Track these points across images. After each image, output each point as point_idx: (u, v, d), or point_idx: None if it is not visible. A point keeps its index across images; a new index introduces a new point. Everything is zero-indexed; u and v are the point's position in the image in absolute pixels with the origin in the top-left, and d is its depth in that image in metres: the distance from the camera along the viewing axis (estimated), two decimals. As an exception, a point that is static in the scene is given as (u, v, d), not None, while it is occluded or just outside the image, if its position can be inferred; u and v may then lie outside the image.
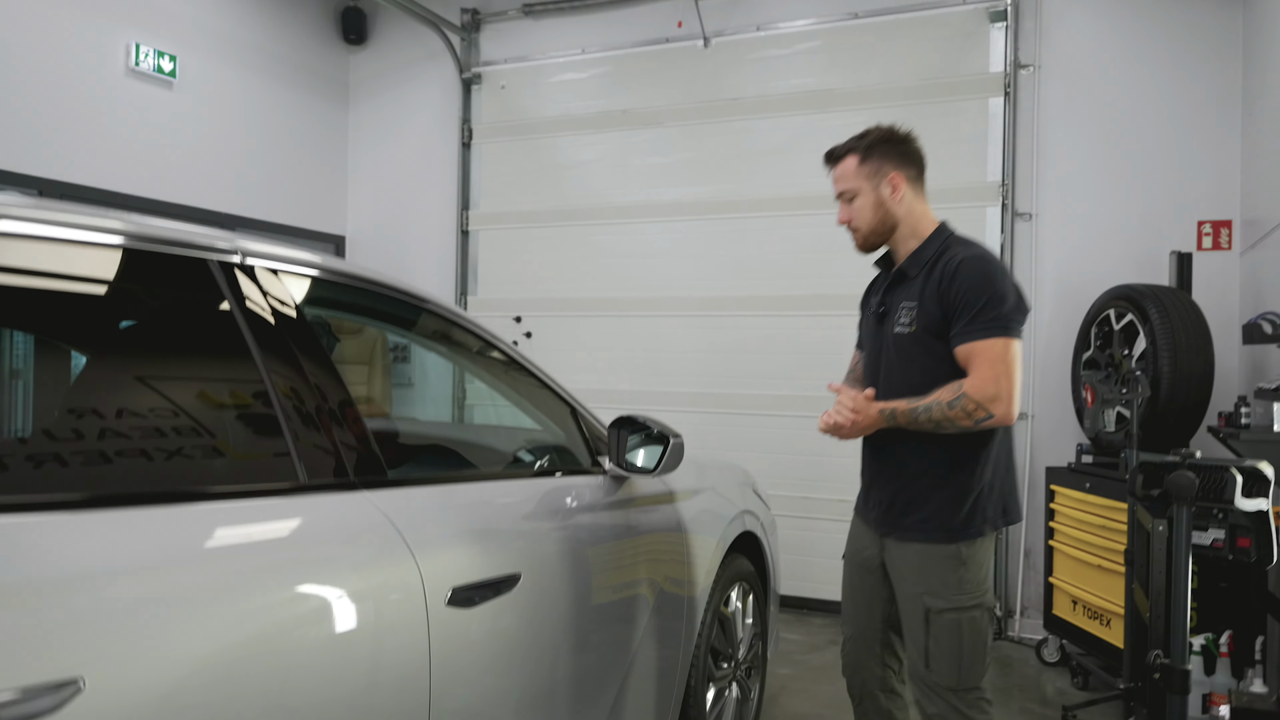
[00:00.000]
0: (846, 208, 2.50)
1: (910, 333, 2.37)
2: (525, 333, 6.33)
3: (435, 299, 2.29)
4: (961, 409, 2.23)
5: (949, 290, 2.29)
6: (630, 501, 2.61)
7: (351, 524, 1.68)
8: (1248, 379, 4.46)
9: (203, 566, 1.39)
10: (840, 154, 2.52)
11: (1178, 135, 4.97)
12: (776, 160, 5.73)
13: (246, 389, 1.64)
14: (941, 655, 2.31)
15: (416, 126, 6.74)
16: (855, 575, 2.65)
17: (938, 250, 2.40)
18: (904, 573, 2.41)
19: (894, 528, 2.43)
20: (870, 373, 2.55)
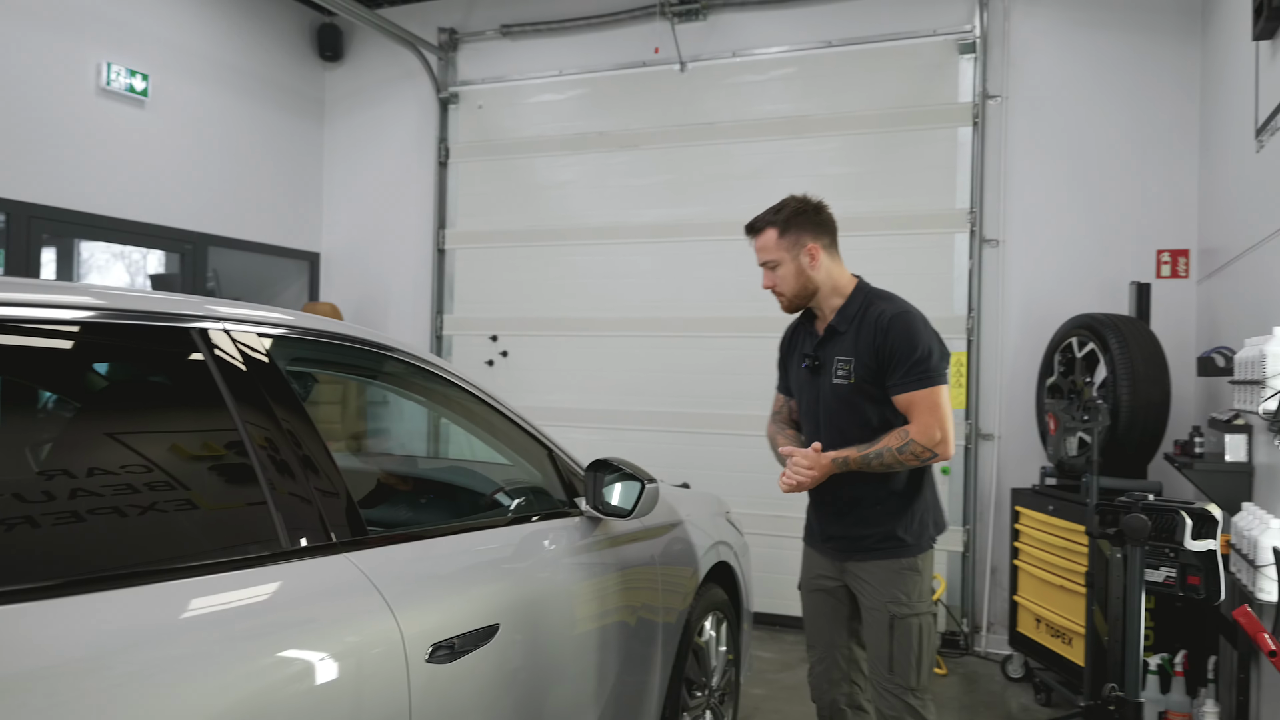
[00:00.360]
0: (770, 275, 2.75)
1: (850, 384, 2.64)
2: (501, 352, 6.38)
3: (411, 349, 2.34)
4: (911, 453, 2.54)
5: (884, 345, 2.58)
6: (606, 541, 2.68)
7: (332, 587, 1.73)
8: (1202, 407, 4.60)
9: (181, 639, 1.44)
10: (760, 227, 2.75)
11: (1138, 166, 5.11)
12: (752, 184, 5.81)
13: (230, 461, 1.69)
14: (903, 657, 2.58)
15: (393, 145, 6.78)
16: (817, 600, 2.87)
17: (861, 305, 2.68)
18: (869, 586, 2.67)
19: (856, 550, 2.70)
20: (810, 420, 2.79)
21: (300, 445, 1.81)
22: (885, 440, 2.55)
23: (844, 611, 2.79)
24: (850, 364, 2.62)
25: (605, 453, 2.66)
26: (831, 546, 2.77)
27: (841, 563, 2.75)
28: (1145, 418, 4.16)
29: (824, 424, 2.70)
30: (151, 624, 1.42)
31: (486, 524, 2.39)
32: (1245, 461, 3.53)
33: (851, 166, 5.63)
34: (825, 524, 2.79)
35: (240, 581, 1.58)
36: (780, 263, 2.70)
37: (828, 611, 2.82)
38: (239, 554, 1.63)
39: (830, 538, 2.77)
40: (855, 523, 2.69)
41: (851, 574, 2.73)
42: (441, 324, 6.57)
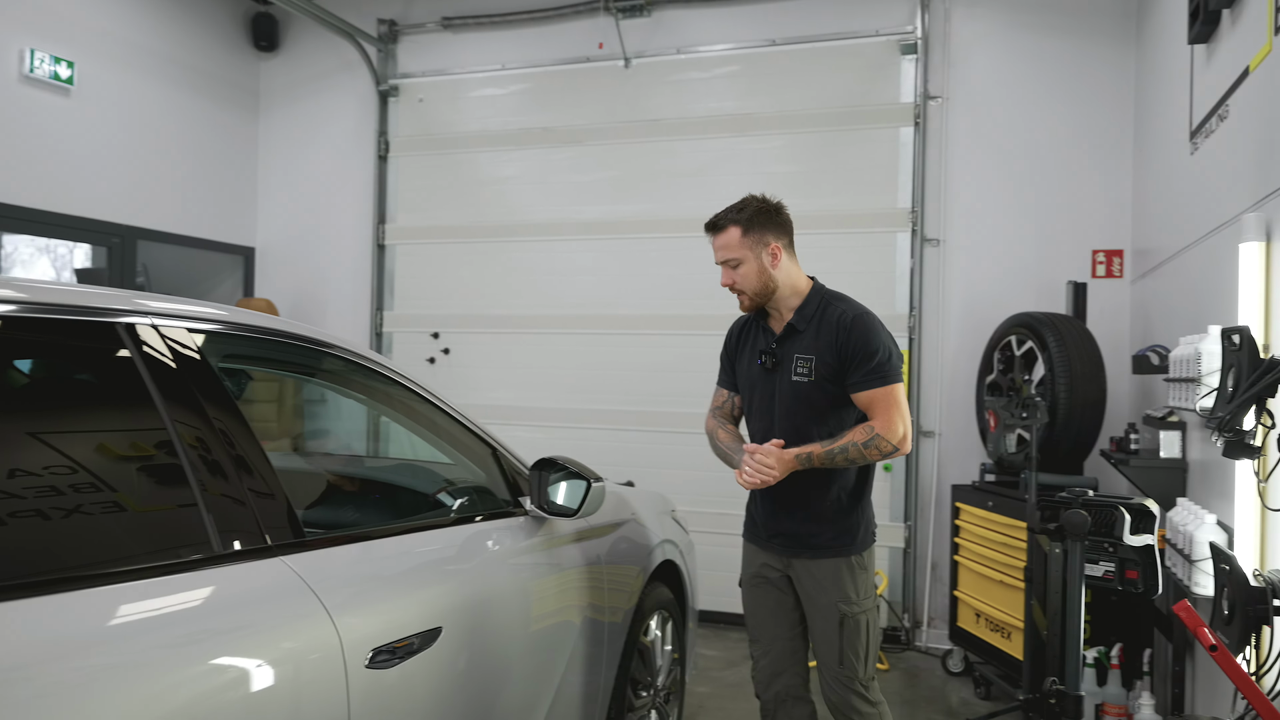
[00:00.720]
0: (730, 273, 2.75)
1: (810, 381, 2.68)
2: (443, 349, 6.28)
3: (350, 345, 2.26)
4: (876, 448, 2.59)
5: (846, 344, 2.63)
6: (552, 540, 2.63)
7: (267, 592, 1.66)
8: (1136, 405, 4.71)
9: (107, 648, 1.37)
10: (723, 225, 2.75)
11: (1075, 167, 5.22)
12: (697, 181, 5.80)
13: (160, 462, 1.61)
14: (852, 651, 2.66)
15: (331, 137, 6.62)
16: (760, 594, 2.88)
17: (819, 306, 2.73)
18: (817, 585, 2.71)
19: (804, 548, 2.73)
20: (762, 416, 2.80)
21: (233, 445, 1.72)
22: (850, 435, 2.59)
23: (787, 604, 2.83)
24: (811, 361, 2.67)
25: (549, 451, 2.62)
26: (779, 543, 2.79)
27: (788, 558, 2.78)
28: (1082, 415, 4.24)
29: (779, 419, 2.73)
30: (75, 633, 1.34)
31: (429, 525, 2.32)
32: (1179, 458, 3.62)
33: (795, 165, 5.65)
34: (772, 520, 2.80)
35: (170, 587, 1.50)
36: (743, 261, 2.71)
37: (771, 605, 2.85)
38: (168, 558, 1.54)
39: (777, 534, 2.79)
40: (805, 520, 2.72)
41: (798, 571, 2.76)
42: (381, 321, 6.44)
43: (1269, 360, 2.26)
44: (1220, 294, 3.14)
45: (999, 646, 4.47)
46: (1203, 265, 3.46)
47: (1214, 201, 3.35)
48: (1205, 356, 2.92)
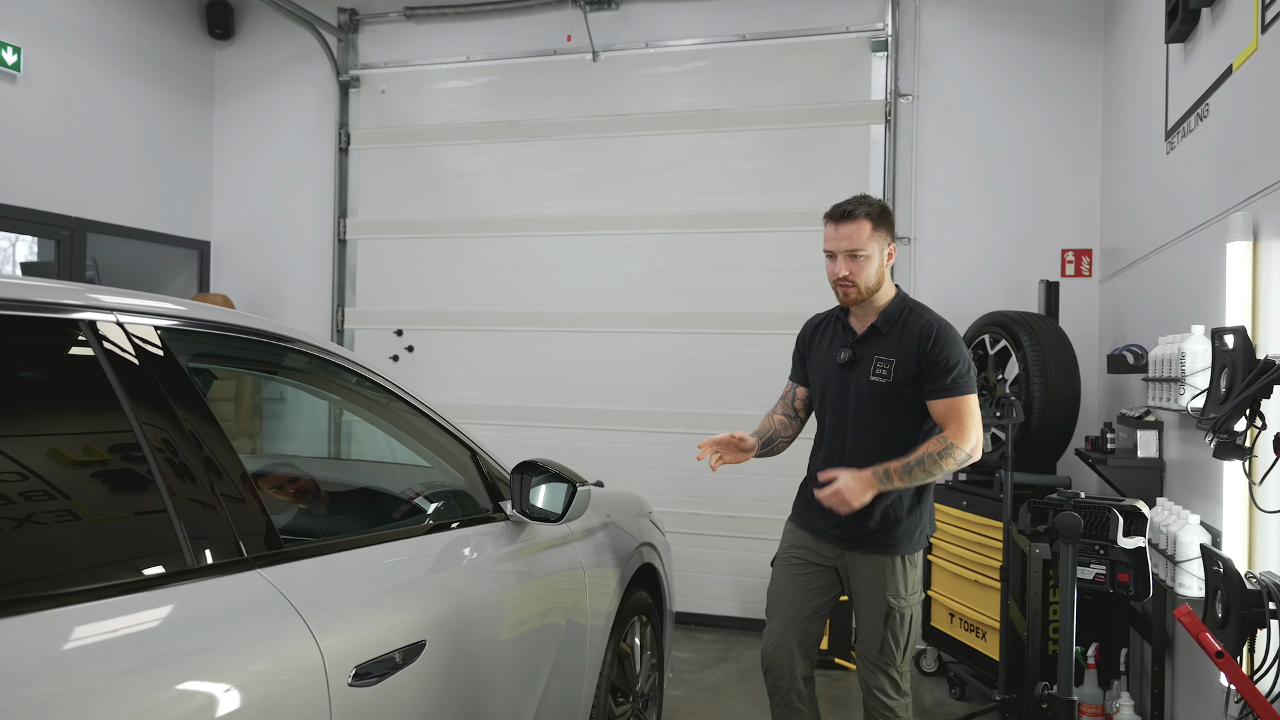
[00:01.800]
0: (850, 264, 2.75)
1: (888, 383, 2.76)
2: (406, 346, 6.13)
3: (328, 345, 2.15)
4: (951, 457, 2.65)
5: (929, 352, 2.71)
6: (533, 546, 2.54)
7: (244, 607, 1.55)
8: (1107, 403, 4.73)
9: (64, 675, 1.25)
10: (856, 215, 2.76)
11: (1043, 166, 5.23)
12: (666, 177, 5.73)
13: (127, 471, 1.49)
14: (894, 642, 2.77)
15: (289, 129, 6.43)
16: (794, 572, 2.94)
17: (902, 311, 2.81)
18: (870, 579, 2.80)
19: (863, 544, 2.80)
20: (835, 411, 2.87)
21: (206, 450, 1.61)
22: (924, 448, 2.67)
23: (820, 588, 2.90)
24: (891, 364, 2.75)
25: (516, 450, 2.58)
26: (837, 534, 2.84)
27: (844, 550, 2.84)
28: (1057, 414, 4.24)
29: (852, 415, 2.81)
30: (33, 658, 1.22)
31: (409, 532, 2.21)
32: (1156, 457, 3.63)
33: (765, 162, 5.60)
34: (831, 514, 2.77)
35: (139, 604, 1.38)
36: (869, 255, 2.75)
37: (803, 586, 2.91)
38: (137, 573, 1.43)
39: (839, 525, 2.81)
40: (870, 519, 2.76)
41: (851, 563, 2.84)
42: (342, 317, 6.27)
43: (1264, 362, 2.24)
44: (1201, 293, 3.14)
45: (974, 646, 4.46)
46: (1180, 265, 3.46)
47: (1192, 201, 3.35)
48: (1189, 356, 2.90)
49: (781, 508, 5.36)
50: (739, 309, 5.58)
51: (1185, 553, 2.88)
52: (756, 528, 5.47)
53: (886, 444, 2.74)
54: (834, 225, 2.80)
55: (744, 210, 5.59)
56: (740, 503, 5.54)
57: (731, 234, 5.61)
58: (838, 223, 2.79)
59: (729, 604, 5.56)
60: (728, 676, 4.80)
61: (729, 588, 5.56)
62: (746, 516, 5.52)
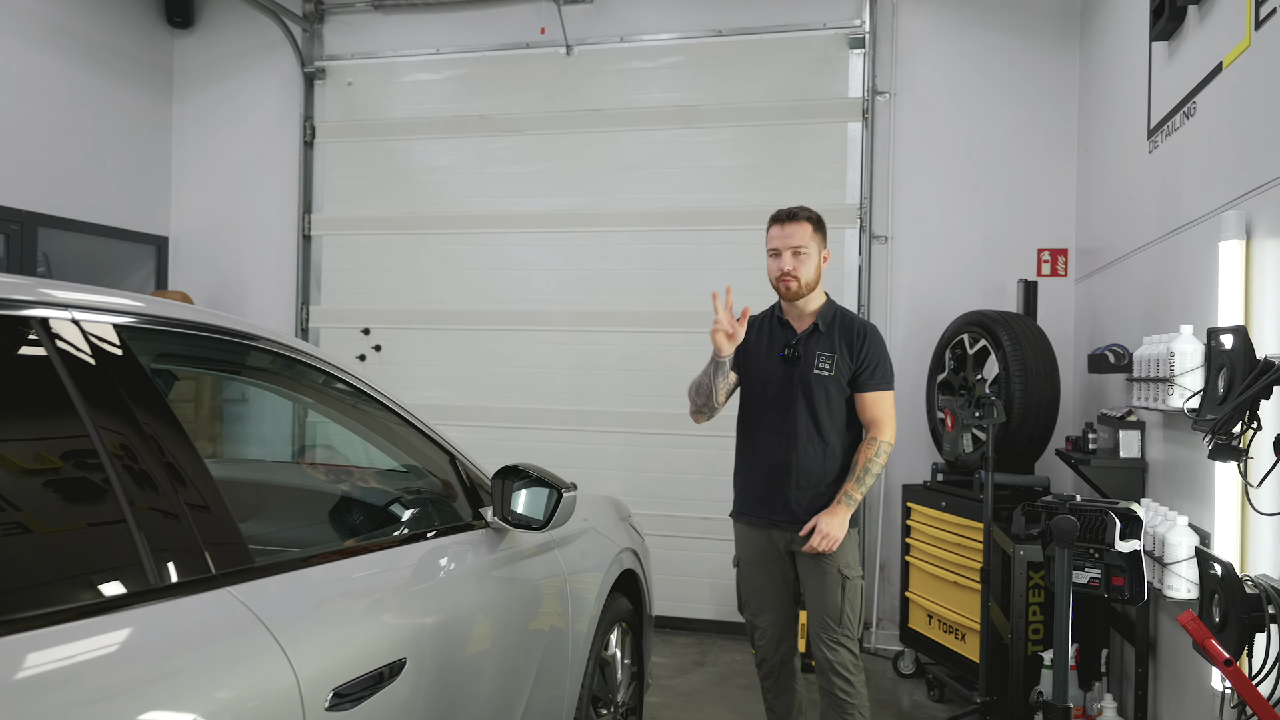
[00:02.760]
0: (792, 260, 3.10)
1: (830, 376, 3.11)
2: (374, 346, 5.98)
3: (300, 344, 2.03)
4: (884, 453, 3.09)
5: (862, 349, 3.10)
6: (514, 555, 2.44)
7: (213, 628, 1.43)
8: (1083, 403, 4.72)
9: (28, 703, 1.13)
10: (800, 216, 3.15)
11: (1019, 165, 5.22)
12: (640, 174, 5.64)
13: (81, 478, 1.37)
14: (851, 612, 3.05)
15: (252, 121, 6.25)
16: (763, 569, 3.21)
17: (834, 312, 3.19)
18: (822, 555, 3.04)
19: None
20: (776, 405, 3.14)
21: (169, 457, 1.49)
22: (862, 458, 3.06)
23: (788, 578, 3.18)
24: (833, 359, 3.09)
25: (488, 452, 2.55)
26: (784, 519, 3.10)
27: (790, 534, 3.09)
28: (1037, 414, 4.21)
29: (799, 406, 3.09)
30: None
31: (388, 542, 2.10)
32: (1139, 457, 3.60)
33: (741, 159, 5.54)
34: (772, 498, 3.12)
35: (97, 628, 1.27)
36: (809, 253, 3.10)
37: (775, 578, 3.19)
38: (95, 593, 1.31)
39: (779, 510, 3.10)
40: (813, 497, 3.06)
41: (801, 545, 3.05)
42: (307, 316, 6.11)
43: (1264, 362, 2.20)
44: (1189, 293, 3.11)
45: (952, 648, 4.42)
46: (1164, 264, 3.44)
47: (1176, 200, 3.32)
48: (1179, 356, 2.87)
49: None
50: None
51: (1174, 554, 2.85)
52: (729, 529, 5.36)
53: (827, 433, 3.09)
54: (779, 226, 3.16)
55: (720, 208, 5.51)
56: (714, 504, 5.43)
57: (707, 232, 5.54)
58: (783, 223, 3.15)
59: (704, 607, 5.49)
60: (705, 681, 4.72)
61: (704, 590, 5.48)
62: (720, 518, 5.39)
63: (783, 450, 3.10)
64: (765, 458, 3.15)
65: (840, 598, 3.03)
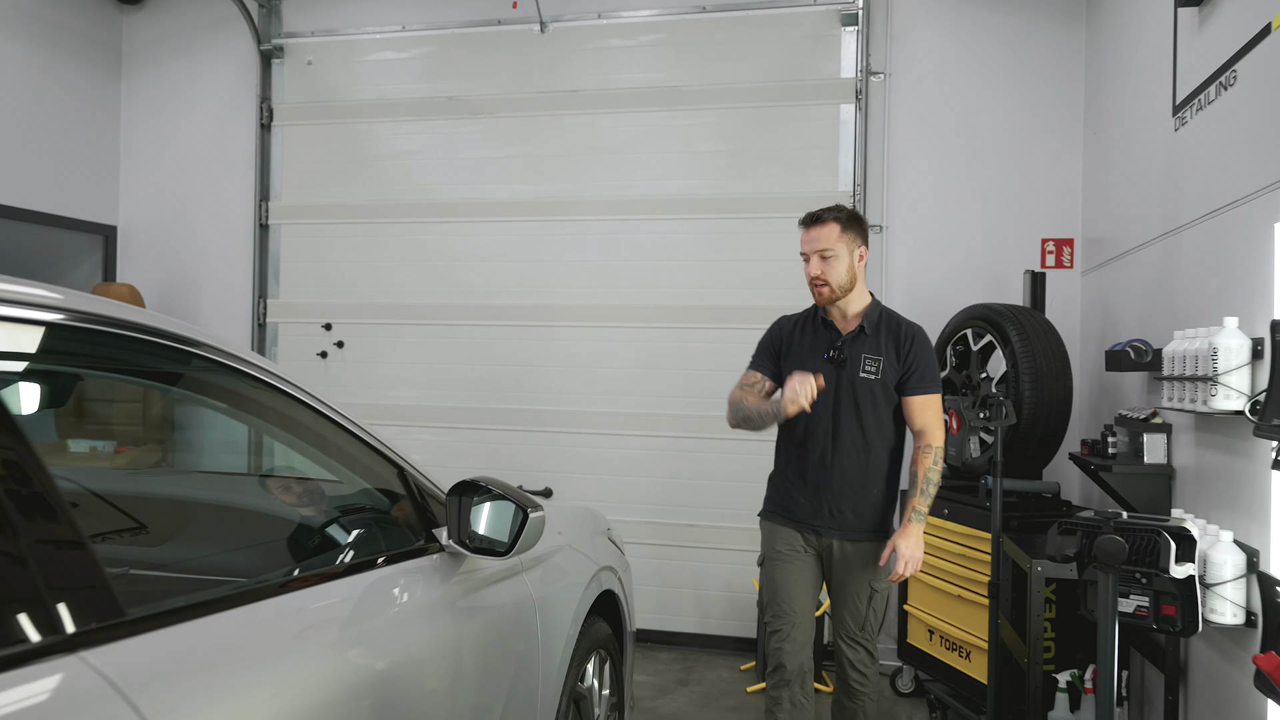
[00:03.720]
0: (821, 264, 3.00)
1: (877, 379, 3.03)
2: (336, 342, 5.61)
3: (214, 339, 1.67)
4: (942, 460, 3.03)
5: (910, 352, 3.02)
6: (473, 583, 2.09)
7: (57, 711, 1.08)
8: (1093, 404, 4.42)
9: None
10: (825, 219, 3.03)
11: (1022, 152, 4.92)
12: (620, 160, 5.30)
13: None
14: (875, 620, 3.08)
15: (206, 103, 5.86)
16: (795, 569, 3.10)
17: (880, 314, 3.09)
18: (856, 564, 3.03)
19: (848, 531, 3.04)
20: (824, 409, 3.02)
21: (7, 480, 1.14)
22: (921, 469, 2.99)
23: (815, 581, 3.12)
24: (879, 362, 3.01)
25: (458, 456, 2.24)
26: (823, 523, 3.04)
27: (829, 540, 3.05)
28: (1048, 415, 3.91)
29: (845, 410, 3.02)
30: None
31: (321, 575, 1.75)
32: (1165, 463, 3.30)
33: (727, 143, 5.21)
34: (814, 499, 3.05)
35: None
36: (838, 255, 2.99)
37: (804, 580, 3.10)
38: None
39: (820, 514, 3.04)
40: (855, 505, 3.02)
41: (837, 551, 3.04)
42: (265, 310, 5.72)
43: (1345, 357, 1.89)
44: (1231, 282, 2.81)
45: (956, 667, 4.12)
46: (1197, 251, 3.14)
47: (1210, 180, 3.02)
48: (1223, 352, 2.56)
49: (742, 516, 4.99)
50: (699, 302, 5.17)
51: (1218, 574, 2.54)
52: (717, 537, 5.08)
53: (872, 439, 3.02)
54: (806, 229, 3.06)
55: (705, 195, 5.18)
56: (701, 510, 5.14)
57: (691, 221, 5.21)
58: (808, 227, 3.05)
59: (689, 620, 5.16)
60: (689, 703, 4.39)
61: (689, 603, 5.15)
62: (707, 525, 5.12)
63: (828, 456, 3.03)
64: (809, 462, 3.06)
65: (866, 607, 3.06)
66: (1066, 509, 4.04)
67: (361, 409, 5.47)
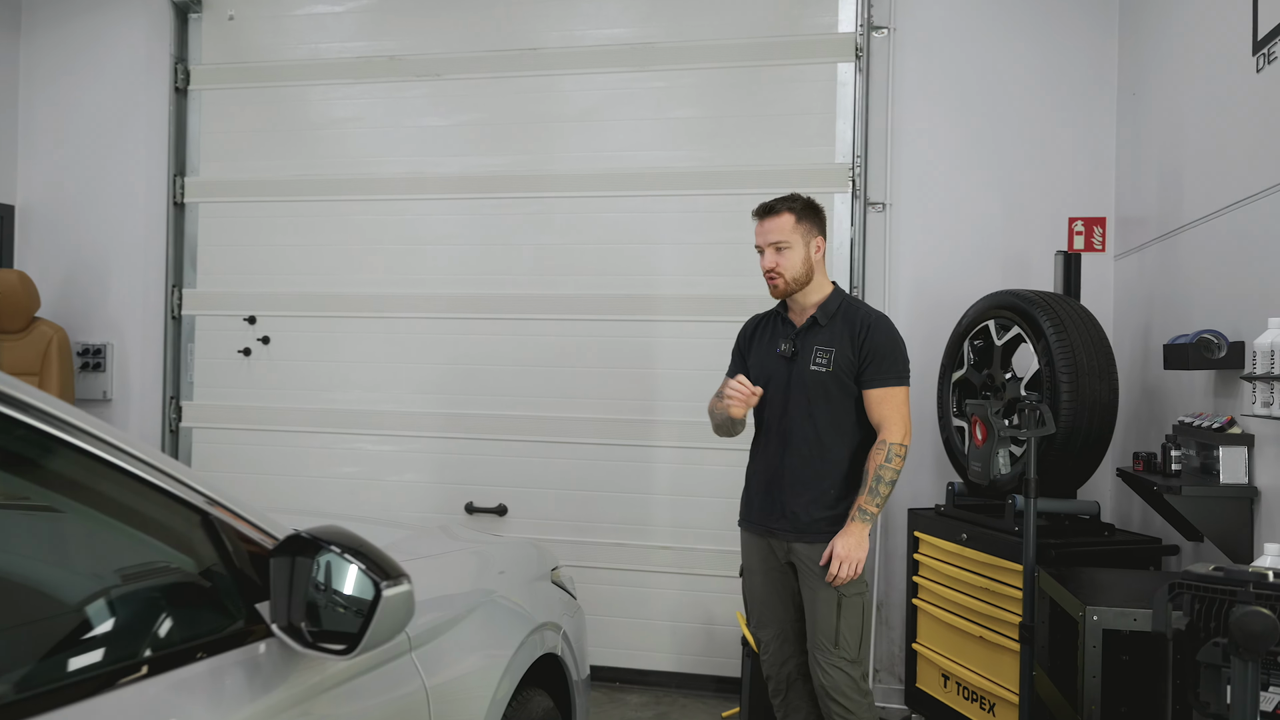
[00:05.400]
0: (775, 256, 2.91)
1: (828, 372, 2.88)
2: (261, 337, 4.91)
3: None
4: (896, 456, 2.83)
5: (866, 341, 2.86)
6: (321, 682, 1.41)
7: None
8: (1134, 408, 3.78)
9: None
10: (778, 209, 2.93)
11: (1046, 117, 4.28)
12: (586, 128, 4.63)
13: None
14: (849, 632, 2.84)
15: (115, 64, 5.14)
16: (766, 581, 3.02)
17: (840, 305, 2.96)
18: (817, 569, 2.84)
19: (806, 532, 2.89)
20: (775, 405, 2.95)
21: None
22: (872, 465, 2.81)
23: (792, 588, 2.98)
24: (830, 354, 2.88)
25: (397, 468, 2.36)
26: (782, 526, 2.92)
27: (789, 544, 2.91)
28: (1090, 422, 3.25)
29: (794, 406, 2.91)
30: None
31: (60, 696, 1.06)
32: (1246, 483, 2.66)
33: (707, 109, 4.54)
34: (770, 503, 2.95)
35: None
36: (791, 246, 2.90)
37: (780, 589, 3.00)
38: None
39: (777, 517, 2.93)
40: (806, 506, 2.87)
41: (799, 555, 2.90)
42: (180, 301, 5.01)
43: None
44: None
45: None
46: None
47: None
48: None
49: (724, 537, 4.33)
50: (676, 291, 4.51)
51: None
52: (695, 561, 4.41)
53: (825, 435, 2.88)
54: (760, 221, 2.97)
55: (683, 169, 4.52)
56: (675, 531, 4.47)
57: (667, 198, 4.54)
58: (762, 218, 2.96)
59: (663, 657, 4.48)
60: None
61: (663, 636, 4.48)
62: (683, 548, 4.45)
63: (778, 454, 2.93)
64: (763, 461, 3.00)
65: (835, 616, 2.83)
66: (1109, 533, 3.40)
67: (289, 414, 4.75)
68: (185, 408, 5.01)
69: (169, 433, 4.99)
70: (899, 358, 2.91)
